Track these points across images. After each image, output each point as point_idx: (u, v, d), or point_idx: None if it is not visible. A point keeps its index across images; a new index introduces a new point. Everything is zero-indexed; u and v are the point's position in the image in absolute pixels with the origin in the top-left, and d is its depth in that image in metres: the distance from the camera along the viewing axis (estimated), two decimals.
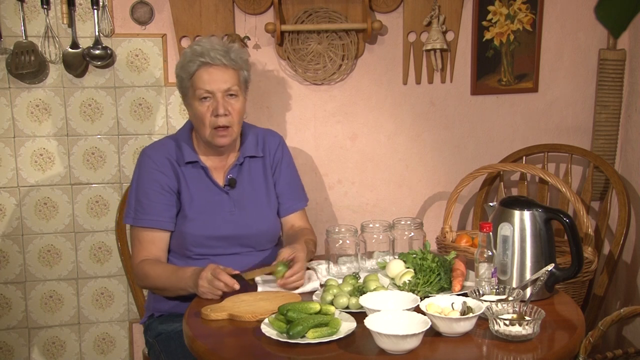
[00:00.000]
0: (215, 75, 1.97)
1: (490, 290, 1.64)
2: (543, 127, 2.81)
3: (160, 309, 2.07)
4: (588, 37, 2.76)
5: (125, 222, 2.08)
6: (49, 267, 2.60)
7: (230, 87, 1.98)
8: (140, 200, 2.02)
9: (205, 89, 1.96)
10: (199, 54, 1.97)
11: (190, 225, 2.01)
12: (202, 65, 1.96)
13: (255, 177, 2.12)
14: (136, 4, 2.50)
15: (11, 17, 2.42)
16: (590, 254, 2.19)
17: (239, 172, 2.09)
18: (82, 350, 2.67)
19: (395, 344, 1.41)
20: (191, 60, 1.98)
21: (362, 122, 2.72)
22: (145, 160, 2.06)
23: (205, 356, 1.50)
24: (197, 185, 2.05)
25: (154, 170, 2.03)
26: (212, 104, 1.97)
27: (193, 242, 2.01)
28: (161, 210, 2.01)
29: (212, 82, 1.96)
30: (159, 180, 2.02)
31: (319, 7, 2.57)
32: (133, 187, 2.06)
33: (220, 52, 1.97)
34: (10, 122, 2.49)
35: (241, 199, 2.07)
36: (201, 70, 1.97)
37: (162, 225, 2.01)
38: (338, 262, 1.94)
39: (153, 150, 2.08)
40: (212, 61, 1.96)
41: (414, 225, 2.02)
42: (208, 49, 1.97)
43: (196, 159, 2.05)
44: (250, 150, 2.11)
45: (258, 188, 2.11)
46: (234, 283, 1.76)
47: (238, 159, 2.09)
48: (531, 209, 1.73)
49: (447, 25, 2.64)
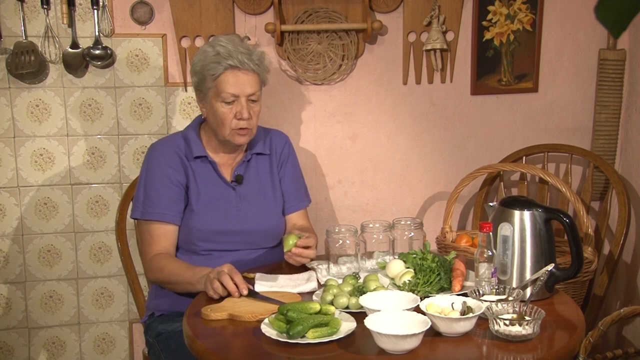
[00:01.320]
0: (242, 79, 1.97)
1: (490, 290, 1.64)
2: (543, 127, 2.81)
3: (160, 307, 2.07)
4: (588, 37, 2.76)
5: (133, 217, 2.08)
6: (49, 267, 2.60)
7: (255, 92, 2.00)
8: (148, 193, 2.03)
9: (231, 92, 1.97)
10: (226, 56, 1.96)
11: (196, 219, 2.02)
12: (229, 68, 1.96)
13: (262, 174, 2.14)
14: (136, 4, 2.50)
15: (11, 17, 2.42)
16: (590, 254, 2.19)
17: (246, 169, 2.11)
18: (82, 350, 2.67)
19: (395, 344, 1.41)
20: (217, 62, 1.97)
21: (362, 122, 2.72)
22: (154, 154, 2.07)
23: (205, 356, 1.50)
24: (204, 180, 2.06)
25: (163, 164, 2.04)
26: (235, 106, 1.98)
27: (199, 236, 2.02)
28: (170, 204, 2.02)
29: (239, 86, 1.97)
30: (168, 174, 2.03)
31: (319, 7, 2.57)
32: (142, 181, 2.07)
33: (246, 55, 1.97)
34: (10, 122, 2.49)
35: (248, 195, 2.09)
36: (227, 73, 1.97)
37: (171, 219, 2.02)
38: (338, 262, 1.94)
39: (162, 145, 2.09)
40: (240, 65, 1.96)
41: (414, 225, 2.02)
42: (233, 50, 1.96)
43: (205, 153, 2.07)
44: (258, 148, 2.14)
45: (264, 185, 2.13)
46: (244, 288, 1.72)
47: (246, 155, 2.12)
48: (531, 209, 1.73)
49: (447, 25, 2.64)
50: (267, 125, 2.49)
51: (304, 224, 2.20)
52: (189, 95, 2.58)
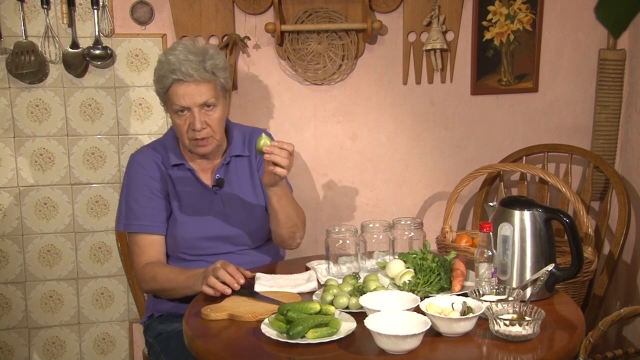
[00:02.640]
0: (190, 90, 1.92)
1: (490, 290, 1.64)
2: (543, 127, 2.81)
3: (160, 309, 2.07)
4: (588, 37, 2.76)
5: (117, 229, 2.09)
6: (49, 267, 2.59)
7: (207, 100, 1.94)
8: (130, 206, 2.02)
9: (180, 104, 1.93)
10: (172, 70, 1.91)
11: (180, 228, 2.01)
12: (175, 82, 1.92)
13: (242, 175, 2.11)
14: (136, 4, 2.50)
15: (11, 17, 2.42)
16: (590, 254, 2.19)
17: (226, 172, 2.09)
18: (82, 350, 2.67)
19: (395, 344, 1.41)
20: (164, 75, 1.94)
21: (362, 122, 2.72)
22: (134, 166, 2.06)
23: (205, 356, 1.50)
24: (185, 187, 2.05)
25: (143, 175, 2.03)
26: (188, 117, 1.95)
27: (185, 244, 2.02)
28: (152, 215, 2.01)
29: (187, 97, 1.92)
30: (148, 184, 2.02)
31: (319, 7, 2.57)
32: (123, 193, 2.06)
33: (194, 65, 1.91)
34: (10, 122, 2.49)
35: (230, 198, 2.07)
36: (175, 87, 1.93)
37: (154, 230, 2.01)
38: (338, 262, 1.94)
39: (141, 156, 2.08)
40: (184, 78, 1.91)
41: (414, 225, 2.02)
42: (181, 61, 1.91)
43: (182, 161, 2.05)
44: (237, 150, 2.11)
45: (245, 186, 2.11)
46: (240, 277, 1.73)
47: (224, 158, 2.09)
48: (531, 209, 1.73)
49: (447, 25, 2.64)
50: (267, 126, 2.49)
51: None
52: None
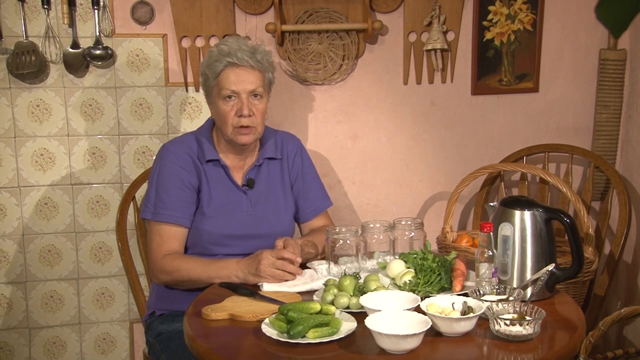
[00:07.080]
0: (242, 76, 1.99)
1: (491, 290, 1.64)
2: (543, 127, 2.81)
3: (161, 306, 2.07)
4: (588, 37, 2.76)
5: (144, 217, 2.06)
6: (49, 267, 2.60)
7: (256, 88, 2.00)
8: (160, 194, 2.02)
9: (231, 89, 1.98)
10: (226, 53, 1.98)
11: (207, 223, 2.02)
12: (229, 65, 1.98)
13: (273, 178, 2.14)
14: (137, 4, 2.50)
15: (12, 17, 2.42)
16: (590, 254, 2.19)
17: (258, 173, 2.11)
18: (82, 350, 2.67)
19: (395, 344, 1.41)
20: (218, 60, 1.99)
21: (363, 122, 2.72)
22: (167, 154, 2.06)
23: (205, 356, 1.50)
24: (216, 183, 2.06)
25: (175, 165, 2.03)
26: (236, 103, 1.99)
27: (210, 239, 2.02)
28: (181, 207, 2.01)
29: (238, 83, 1.98)
30: (180, 175, 2.03)
31: (319, 7, 2.57)
32: (153, 181, 2.05)
33: (247, 53, 1.99)
34: (10, 122, 2.49)
35: (259, 199, 2.09)
36: (227, 70, 1.99)
37: (182, 221, 2.01)
38: (338, 262, 1.94)
39: (175, 146, 2.08)
40: (239, 62, 1.98)
41: (415, 225, 2.02)
42: (235, 49, 1.99)
43: (217, 157, 2.06)
44: (270, 152, 2.13)
45: (275, 190, 2.13)
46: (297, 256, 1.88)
47: (257, 160, 2.11)
48: (532, 209, 1.73)
49: (447, 25, 2.64)
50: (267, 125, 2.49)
51: (321, 224, 2.22)
52: (189, 95, 2.58)
